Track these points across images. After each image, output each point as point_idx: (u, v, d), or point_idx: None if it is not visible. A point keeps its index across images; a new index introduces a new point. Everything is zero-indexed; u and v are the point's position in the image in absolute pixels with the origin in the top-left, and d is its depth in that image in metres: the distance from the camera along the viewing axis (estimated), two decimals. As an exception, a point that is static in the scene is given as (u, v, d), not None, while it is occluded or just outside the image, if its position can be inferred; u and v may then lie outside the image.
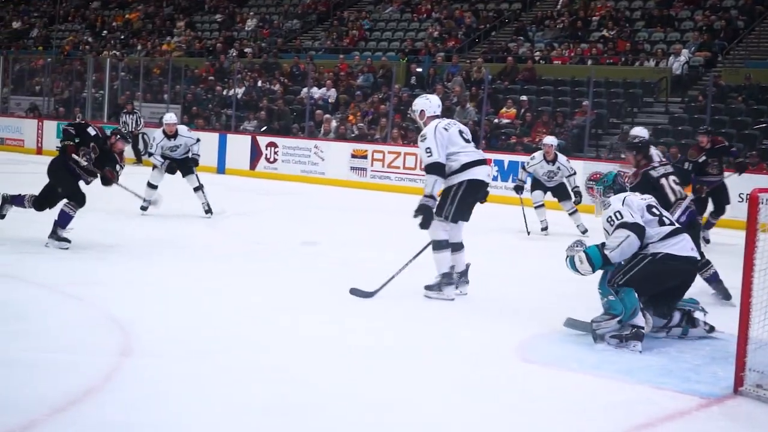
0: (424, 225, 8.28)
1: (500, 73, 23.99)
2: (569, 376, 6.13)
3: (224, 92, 26.95)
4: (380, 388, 5.56)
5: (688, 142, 19.00)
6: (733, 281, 7.55)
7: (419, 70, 25.24)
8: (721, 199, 13.74)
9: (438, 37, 27.93)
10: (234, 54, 30.51)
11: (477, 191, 8.49)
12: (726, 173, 13.64)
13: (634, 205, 7.20)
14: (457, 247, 8.60)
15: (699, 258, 7.37)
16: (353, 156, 21.49)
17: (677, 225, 7.28)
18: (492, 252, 11.59)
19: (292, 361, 6.02)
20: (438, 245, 8.43)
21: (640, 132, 10.65)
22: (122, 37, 35.77)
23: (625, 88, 22.37)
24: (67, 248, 9.82)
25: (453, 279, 8.45)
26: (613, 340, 6.86)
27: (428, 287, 8.46)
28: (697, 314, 7.37)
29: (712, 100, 19.38)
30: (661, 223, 7.15)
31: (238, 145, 23.41)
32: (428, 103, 8.70)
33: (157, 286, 8.28)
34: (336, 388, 5.47)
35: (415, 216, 8.29)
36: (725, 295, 8.90)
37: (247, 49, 30.81)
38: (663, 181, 8.57)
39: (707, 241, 12.49)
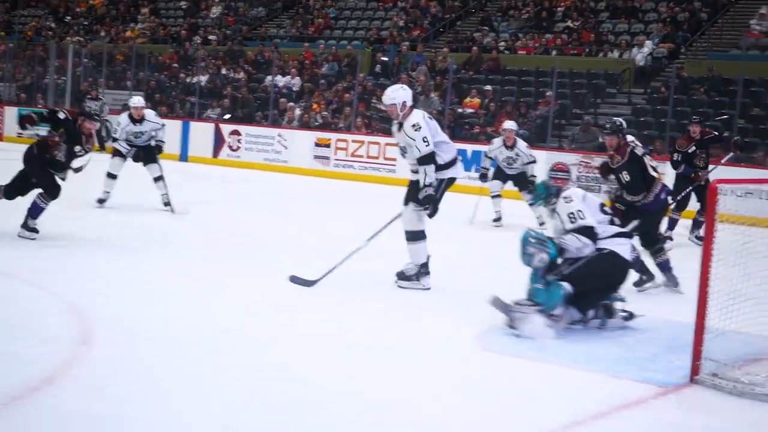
0: (433, 214, 8.34)
1: (465, 63, 23.99)
2: (529, 365, 6.15)
3: (188, 79, 26.78)
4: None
5: (650, 133, 19.13)
6: (688, 270, 7.57)
7: (384, 59, 25.19)
8: (705, 196, 13.43)
9: (403, 27, 27.89)
10: (198, 41, 30.31)
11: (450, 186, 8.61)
12: (711, 166, 13.10)
13: (592, 203, 7.31)
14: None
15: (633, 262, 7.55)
16: (317, 145, 21.44)
17: (623, 230, 7.46)
18: (463, 243, 11.64)
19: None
20: (416, 236, 8.47)
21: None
22: (85, 23, 35.42)
23: (588, 78, 22.45)
24: (34, 239, 9.66)
25: (428, 269, 8.53)
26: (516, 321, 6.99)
27: (403, 277, 8.48)
28: (615, 304, 7.41)
29: (674, 91, 19.52)
30: (611, 224, 7.35)
31: (201, 132, 23.29)
32: (407, 93, 8.52)
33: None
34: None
35: (424, 208, 8.33)
36: (674, 283, 9.04)
37: (211, 37, 30.62)
38: (645, 159, 9.05)
39: (700, 239, 11.57)
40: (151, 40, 31.99)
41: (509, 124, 13.92)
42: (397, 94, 8.44)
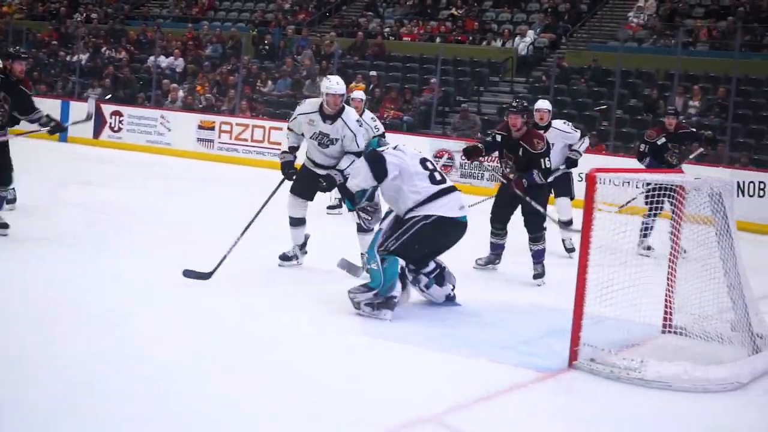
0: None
1: (350, 48, 23.99)
2: (412, 350, 6.19)
3: (68, 58, 26.13)
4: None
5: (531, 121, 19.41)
6: (562, 257, 7.78)
7: (268, 42, 25.00)
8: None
9: (288, 10, 27.74)
10: (79, 19, 29.60)
11: None
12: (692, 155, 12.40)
13: (409, 152, 7.39)
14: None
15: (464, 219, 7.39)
16: (200, 127, 21.14)
17: (450, 184, 7.43)
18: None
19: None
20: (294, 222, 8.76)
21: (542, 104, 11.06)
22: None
23: (472, 66, 22.69)
24: (6, 235, 8.99)
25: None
26: (367, 308, 6.99)
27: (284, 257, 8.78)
28: (449, 278, 7.50)
29: (555, 81, 19.87)
30: (432, 180, 7.30)
31: (81, 112, 22.71)
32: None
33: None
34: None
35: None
36: (539, 273, 9.06)
37: (93, 15, 29.94)
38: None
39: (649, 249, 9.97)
40: (29, 16, 31.11)
41: (357, 94, 12.50)
42: (342, 85, 8.41)
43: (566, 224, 10.68)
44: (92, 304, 6.69)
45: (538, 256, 9.05)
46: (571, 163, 10.89)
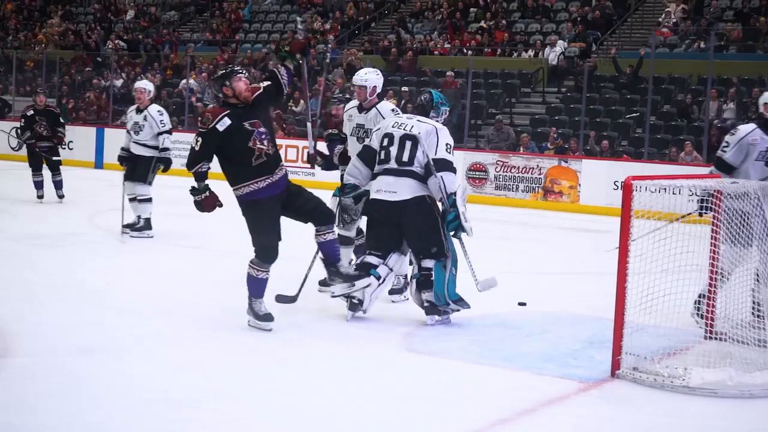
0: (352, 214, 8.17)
1: (386, 66, 24.00)
2: (454, 365, 6.19)
3: (102, 83, 26.34)
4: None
5: (564, 131, 19.39)
6: (602, 266, 7.68)
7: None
8: None
9: (318, 29, 27.84)
10: (110, 46, 29.89)
11: None
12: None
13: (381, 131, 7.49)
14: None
15: (391, 201, 7.20)
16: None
17: (394, 166, 7.28)
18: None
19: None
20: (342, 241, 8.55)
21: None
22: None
23: (503, 78, 22.68)
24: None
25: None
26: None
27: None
28: (418, 289, 7.29)
29: (587, 89, 19.78)
30: (383, 160, 7.35)
31: (117, 139, 22.85)
32: (380, 78, 8.46)
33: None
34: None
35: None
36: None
37: (121, 41, 30.21)
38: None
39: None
40: (61, 46, 31.44)
41: (141, 84, 11.94)
42: (370, 76, 8.34)
43: None
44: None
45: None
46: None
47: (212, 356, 6.14)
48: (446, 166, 7.24)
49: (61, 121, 14.36)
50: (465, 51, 24.64)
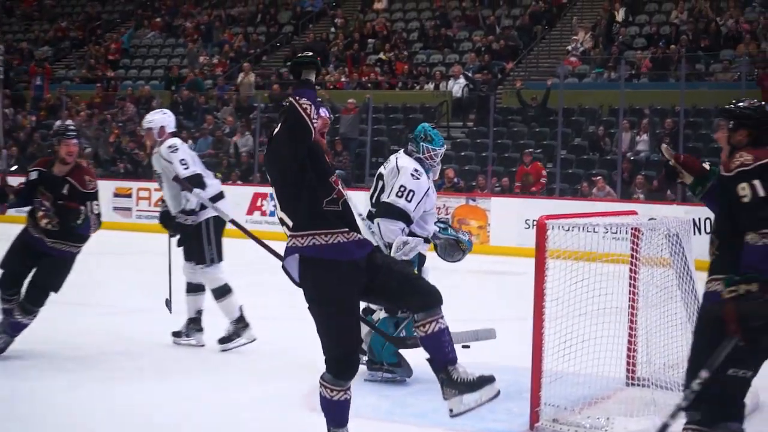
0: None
1: (273, 99, 23.98)
2: (362, 424, 6.13)
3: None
4: None
5: (471, 167, 19.57)
6: (516, 311, 7.76)
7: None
8: None
9: (207, 63, 27.70)
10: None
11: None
12: None
13: None
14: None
15: None
16: (116, 195, 20.82)
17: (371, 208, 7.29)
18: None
19: None
20: (222, 291, 8.35)
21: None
22: None
23: (404, 113, 22.81)
24: None
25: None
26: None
27: (225, 340, 8.33)
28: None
29: (494, 123, 19.98)
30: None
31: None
32: (167, 117, 8.56)
33: None
34: None
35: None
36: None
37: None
38: None
39: None
40: None
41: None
42: (155, 117, 8.52)
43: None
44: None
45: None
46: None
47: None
48: (388, 211, 7.01)
49: None
50: (363, 84, 24.76)
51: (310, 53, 4.91)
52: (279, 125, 4.87)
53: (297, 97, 4.73)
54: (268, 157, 5.07)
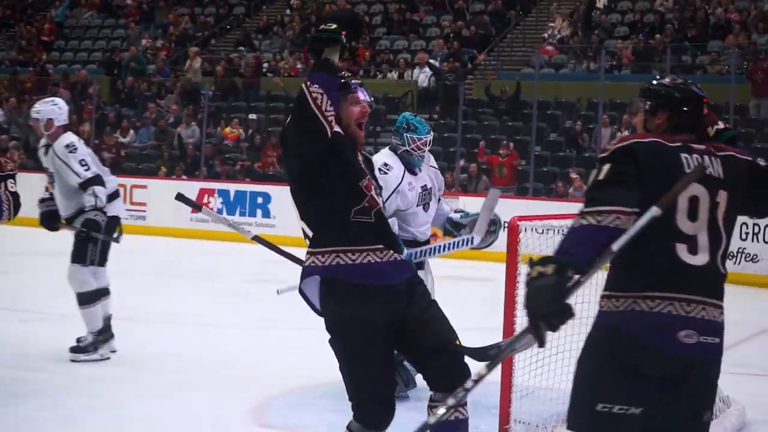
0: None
1: (221, 87, 23.90)
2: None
3: None
4: None
5: (440, 165, 19.56)
6: (484, 321, 7.78)
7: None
8: None
9: (150, 46, 27.52)
10: None
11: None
12: None
13: None
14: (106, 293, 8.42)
15: None
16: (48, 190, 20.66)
17: None
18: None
19: None
20: (86, 298, 8.18)
21: None
22: None
23: (366, 103, 22.73)
24: None
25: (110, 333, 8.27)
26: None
27: (78, 349, 8.15)
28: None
29: (463, 116, 19.99)
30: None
31: None
32: (57, 109, 8.27)
33: None
34: None
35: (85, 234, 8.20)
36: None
37: None
38: None
39: None
40: None
41: None
42: (43, 108, 8.26)
43: None
44: None
45: None
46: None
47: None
48: None
49: None
50: (321, 72, 24.68)
51: (334, 26, 4.45)
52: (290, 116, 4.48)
53: (308, 83, 4.29)
54: (281, 153, 4.70)
